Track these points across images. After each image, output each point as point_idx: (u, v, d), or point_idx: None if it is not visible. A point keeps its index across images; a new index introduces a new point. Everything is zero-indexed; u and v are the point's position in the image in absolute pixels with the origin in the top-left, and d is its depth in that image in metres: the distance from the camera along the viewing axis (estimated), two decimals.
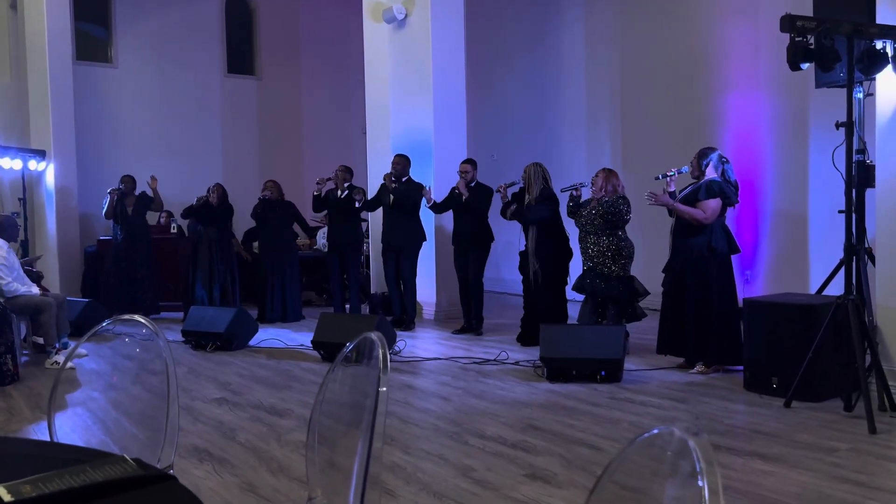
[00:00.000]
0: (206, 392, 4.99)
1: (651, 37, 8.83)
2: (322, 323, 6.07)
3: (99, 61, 11.48)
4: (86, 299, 7.94)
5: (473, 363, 5.73)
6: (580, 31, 9.82)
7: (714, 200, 5.02)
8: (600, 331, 5.25)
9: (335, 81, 13.42)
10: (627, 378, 5.05)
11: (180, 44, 12.00)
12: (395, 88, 8.75)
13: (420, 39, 8.30)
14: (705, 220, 5.03)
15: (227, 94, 12.48)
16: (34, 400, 4.89)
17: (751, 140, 7.84)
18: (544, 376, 5.11)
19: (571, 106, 10.01)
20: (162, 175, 11.16)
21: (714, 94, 8.16)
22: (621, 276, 5.87)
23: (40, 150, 9.87)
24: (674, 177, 5.38)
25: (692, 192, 5.13)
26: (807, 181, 7.35)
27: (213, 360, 6.18)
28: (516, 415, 4.24)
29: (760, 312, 4.64)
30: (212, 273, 8.27)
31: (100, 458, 1.32)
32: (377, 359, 1.55)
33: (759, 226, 7.69)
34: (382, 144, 9.09)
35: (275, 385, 5.15)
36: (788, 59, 3.86)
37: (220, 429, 4.09)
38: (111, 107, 11.38)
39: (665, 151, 8.61)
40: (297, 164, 12.99)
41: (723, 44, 8.08)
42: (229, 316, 6.59)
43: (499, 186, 6.79)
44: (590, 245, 5.93)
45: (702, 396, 4.58)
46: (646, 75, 8.92)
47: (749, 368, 4.71)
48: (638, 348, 6.03)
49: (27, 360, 6.35)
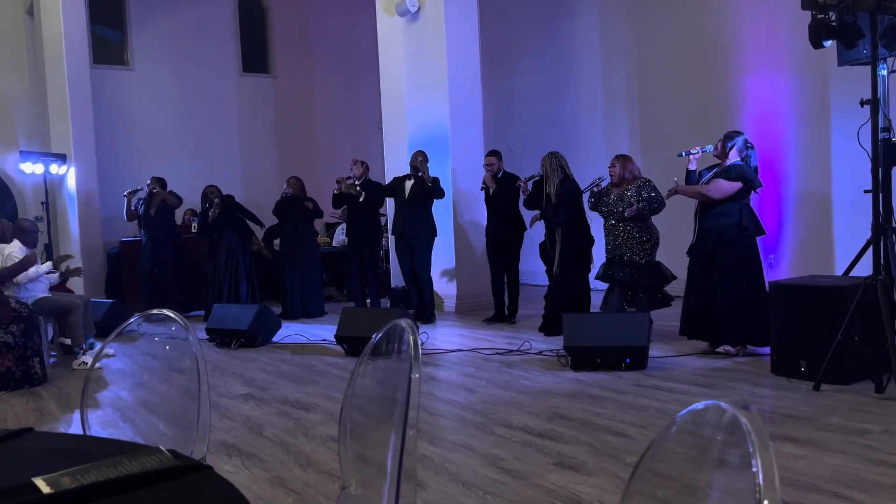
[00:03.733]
0: (231, 388, 5.03)
1: (666, 19, 8.74)
2: (345, 317, 6.08)
3: (115, 64, 11.57)
4: (110, 300, 8.01)
5: (496, 354, 5.72)
6: (594, 16, 9.74)
7: (728, 182, 4.98)
8: (624, 318, 5.22)
9: (349, 76, 13.44)
10: (652, 365, 5.02)
11: (195, 44, 12.07)
12: (409, 82, 8.73)
13: (434, 32, 8.27)
14: (713, 196, 5.03)
15: (242, 92, 12.53)
16: (63, 400, 4.95)
17: (771, 122, 7.74)
18: (568, 365, 5.09)
19: (587, 92, 9.94)
20: (181, 175, 11.27)
21: (732, 75, 8.06)
22: (648, 262, 5.83)
23: (61, 153, 9.98)
24: (696, 155, 5.34)
25: (714, 175, 5.08)
26: (829, 162, 7.25)
27: (237, 356, 6.22)
28: (542, 404, 4.22)
29: (787, 295, 4.58)
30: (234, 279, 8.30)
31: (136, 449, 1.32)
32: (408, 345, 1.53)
33: (781, 209, 7.59)
34: (398, 138, 9.08)
35: (299, 380, 5.17)
36: (811, 36, 3.79)
37: (248, 424, 4.12)
38: (129, 109, 11.48)
39: (683, 135, 8.51)
40: (314, 160, 13.04)
41: (740, 24, 7.98)
42: (252, 313, 6.62)
43: (517, 182, 6.75)
44: (618, 233, 5.88)
45: (729, 381, 4.53)
46: (662, 58, 8.83)
47: (776, 352, 4.66)
48: (661, 334, 5.99)
49: (55, 361, 6.43)
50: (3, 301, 5.32)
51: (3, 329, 5.23)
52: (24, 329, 5.34)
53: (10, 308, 5.33)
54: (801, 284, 4.56)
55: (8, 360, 5.23)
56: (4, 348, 5.22)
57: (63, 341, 6.66)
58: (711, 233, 5.05)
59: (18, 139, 10.63)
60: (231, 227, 8.39)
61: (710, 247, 5.04)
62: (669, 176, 7.98)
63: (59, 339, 6.69)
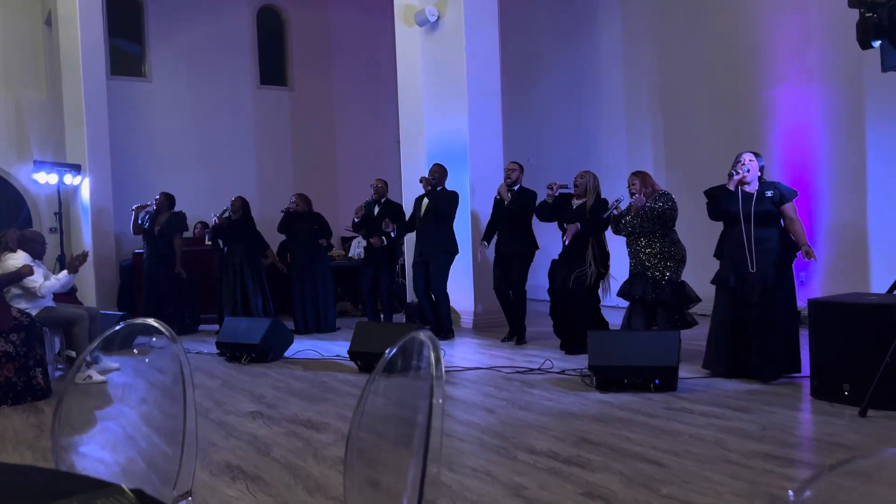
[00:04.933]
0: (239, 405, 4.81)
1: (691, 29, 8.52)
2: (359, 332, 5.86)
3: (133, 76, 11.53)
4: (120, 312, 7.85)
5: (517, 373, 5.47)
6: (616, 27, 9.54)
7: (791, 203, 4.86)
8: (653, 337, 4.95)
9: (367, 90, 13.32)
10: (683, 386, 4.74)
11: (213, 56, 12.01)
12: (428, 93, 8.56)
13: (454, 42, 8.10)
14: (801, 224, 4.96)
15: (259, 105, 12.44)
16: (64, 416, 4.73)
17: (802, 135, 7.47)
18: (593, 386, 4.83)
19: (609, 104, 9.72)
20: (196, 187, 11.18)
21: (761, 87, 7.81)
22: (672, 280, 5.57)
23: (75, 164, 9.88)
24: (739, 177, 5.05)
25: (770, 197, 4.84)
26: (864, 177, 6.96)
27: (247, 372, 6.00)
28: (567, 427, 3.96)
29: (828, 314, 4.29)
30: (242, 291, 8.11)
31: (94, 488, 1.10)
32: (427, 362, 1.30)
33: (813, 225, 7.30)
34: (416, 150, 8.89)
35: (311, 398, 4.94)
36: (858, 36, 3.55)
37: (255, 444, 3.89)
38: (145, 120, 11.41)
39: (710, 149, 8.27)
40: (331, 174, 12.90)
41: (769, 34, 7.74)
42: (264, 327, 6.42)
43: (551, 183, 6.44)
44: (641, 247, 5.64)
45: (766, 406, 4.25)
46: (687, 70, 8.60)
47: (816, 375, 4.36)
48: (690, 354, 5.69)
49: (61, 374, 6.24)
50: (3, 308, 5.14)
51: (4, 338, 5.05)
52: (26, 338, 5.15)
53: (11, 316, 5.15)
54: (844, 303, 4.27)
55: (8, 371, 5.04)
56: (4, 358, 5.03)
57: (69, 354, 6.48)
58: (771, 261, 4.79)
59: (32, 149, 10.58)
60: (240, 240, 8.20)
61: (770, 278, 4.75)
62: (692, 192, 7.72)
63: (65, 351, 6.51)
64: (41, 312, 5.70)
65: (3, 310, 5.10)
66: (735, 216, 4.95)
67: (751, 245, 4.87)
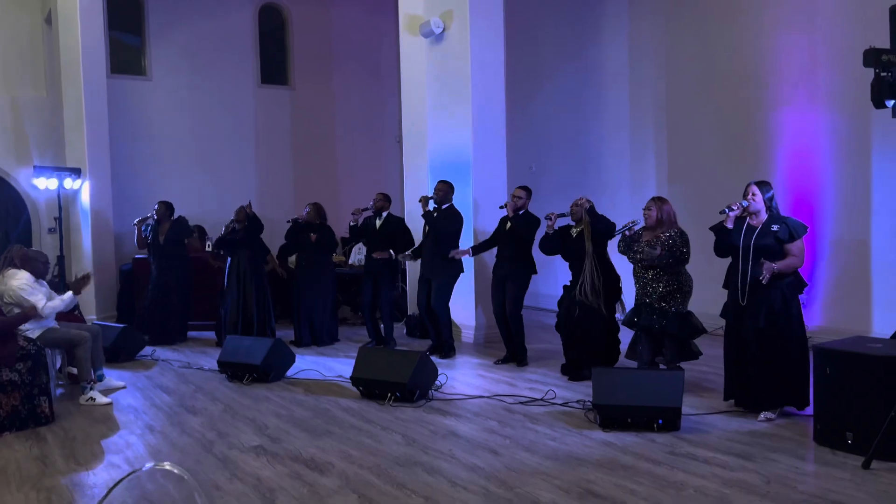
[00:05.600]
0: (243, 437, 4.81)
1: (699, 48, 8.46)
2: (361, 358, 5.85)
3: (133, 74, 11.43)
4: (121, 325, 7.84)
5: (519, 403, 5.47)
6: (623, 42, 9.48)
7: (800, 241, 4.75)
8: (657, 376, 4.95)
9: (368, 90, 13.24)
10: (686, 424, 4.75)
11: (213, 54, 11.91)
12: (432, 103, 8.51)
13: (458, 54, 8.04)
14: (801, 265, 4.79)
15: (260, 104, 12.37)
16: (69, 446, 4.74)
17: (807, 158, 7.45)
18: (597, 423, 4.84)
19: (614, 119, 9.68)
20: (196, 189, 11.14)
21: (767, 109, 7.77)
22: (679, 311, 5.58)
23: (75, 168, 9.82)
24: (736, 212, 5.03)
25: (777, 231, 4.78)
26: (869, 202, 6.96)
27: (249, 394, 6.00)
28: (572, 475, 3.97)
29: (832, 361, 4.29)
30: (244, 300, 8.10)
31: None
32: None
33: (815, 249, 7.30)
34: (419, 161, 8.86)
35: (314, 430, 4.94)
36: (872, 96, 3.53)
37: (259, 488, 3.89)
38: (145, 119, 11.33)
39: (713, 166, 8.26)
40: (332, 174, 12.86)
41: (776, 56, 7.69)
42: (266, 347, 6.41)
43: (549, 214, 6.45)
44: (650, 279, 5.64)
45: (769, 452, 4.26)
46: (693, 88, 8.55)
47: (819, 420, 4.38)
48: (692, 385, 5.72)
49: (62, 392, 6.24)
50: (11, 339, 5.13)
51: (10, 367, 5.04)
52: (32, 367, 5.15)
53: (18, 346, 5.14)
54: (848, 351, 4.27)
55: (14, 399, 5.04)
56: (10, 387, 5.03)
57: (71, 371, 6.48)
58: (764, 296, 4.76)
59: (31, 151, 10.50)
60: (244, 249, 8.17)
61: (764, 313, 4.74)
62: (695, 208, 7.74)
63: (67, 368, 6.51)
64: (44, 333, 5.69)
65: (9, 342, 5.08)
66: (736, 248, 4.94)
67: (745, 279, 4.85)
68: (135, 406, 5.77)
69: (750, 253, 4.84)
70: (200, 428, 5.08)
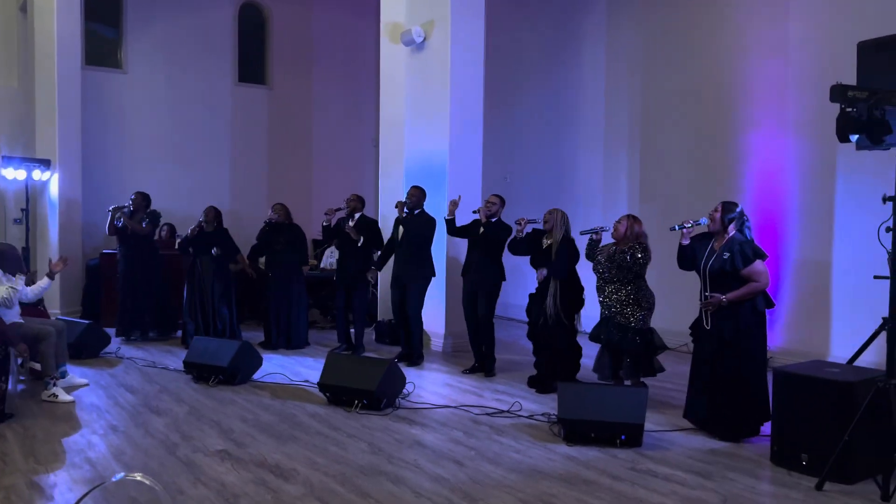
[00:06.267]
0: (207, 441, 4.79)
1: (675, 66, 8.62)
2: (329, 364, 5.86)
3: (108, 66, 11.29)
4: (85, 321, 7.74)
5: (486, 414, 5.52)
6: (601, 57, 9.61)
7: (759, 263, 4.80)
8: (622, 392, 5.04)
9: (346, 92, 13.24)
10: (648, 441, 4.84)
11: (192, 50, 11.82)
12: (410, 112, 8.55)
13: (439, 63, 8.09)
14: (765, 286, 4.83)
15: (237, 102, 12.30)
16: (28, 444, 4.67)
17: (774, 181, 7.63)
18: (561, 436, 4.91)
19: (588, 131, 9.81)
20: (169, 184, 11.03)
21: (738, 131, 7.95)
22: (640, 328, 5.68)
23: (45, 159, 9.67)
24: (690, 229, 5.15)
25: (727, 260, 4.84)
26: (832, 227, 7.14)
27: (215, 396, 5.97)
28: (534, 488, 4.02)
29: (791, 385, 4.41)
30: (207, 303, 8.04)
31: None
32: None
33: (778, 271, 7.47)
34: (395, 167, 8.90)
35: (279, 435, 4.94)
36: (837, 130, 3.65)
37: (223, 493, 3.88)
38: (119, 113, 11.20)
39: (685, 184, 8.42)
40: (307, 174, 12.84)
41: (749, 80, 7.87)
42: (233, 349, 6.38)
43: (519, 220, 6.52)
44: (608, 294, 5.76)
45: (727, 471, 4.36)
46: (667, 105, 8.71)
47: (777, 442, 4.49)
48: (655, 402, 5.81)
49: (23, 388, 6.15)
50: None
51: None
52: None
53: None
54: (806, 375, 4.39)
55: None
56: None
57: (33, 366, 6.39)
58: (727, 318, 4.85)
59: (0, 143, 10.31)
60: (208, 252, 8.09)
61: (728, 333, 4.83)
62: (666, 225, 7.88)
63: (28, 363, 6.41)
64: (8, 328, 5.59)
65: None
66: (697, 270, 5.05)
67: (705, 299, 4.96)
68: (98, 405, 5.71)
69: (707, 276, 4.96)
70: (164, 429, 5.04)
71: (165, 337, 8.62)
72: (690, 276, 5.26)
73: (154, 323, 8.55)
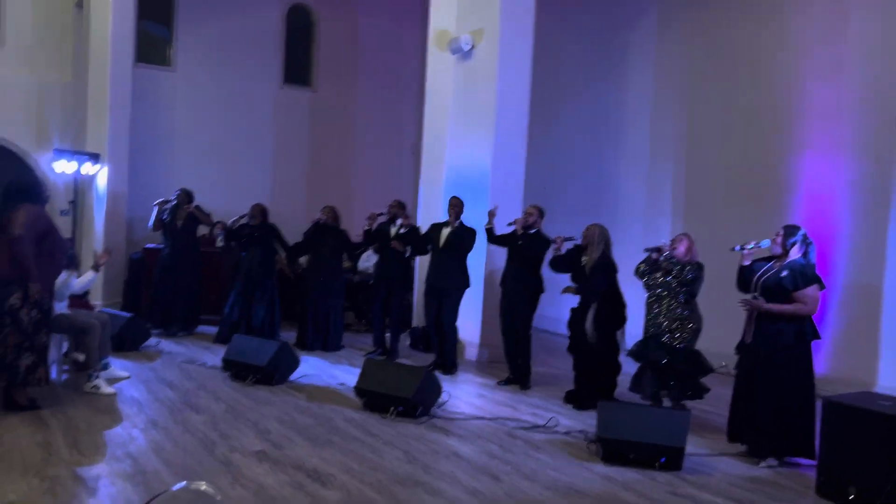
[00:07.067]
0: (245, 441, 4.81)
1: (724, 84, 8.49)
2: (367, 370, 5.86)
3: (158, 64, 11.49)
4: (127, 314, 7.85)
5: (522, 429, 5.47)
6: (649, 72, 9.51)
7: (813, 288, 4.70)
8: (663, 414, 4.96)
9: (389, 97, 13.30)
10: (688, 464, 4.74)
11: (239, 50, 11.99)
12: (454, 120, 8.54)
13: (486, 73, 8.07)
14: (811, 312, 4.73)
15: (281, 104, 12.43)
16: (72, 435, 4.74)
17: (824, 203, 7.46)
18: (598, 455, 4.84)
19: (632, 145, 9.71)
20: (210, 182, 11.16)
21: (788, 152, 7.79)
22: (686, 348, 5.59)
23: (95, 153, 9.87)
24: (752, 250, 5.06)
25: (785, 278, 4.76)
26: (884, 254, 6.96)
27: (252, 396, 6.01)
28: None
29: (841, 415, 4.30)
30: (250, 301, 8.12)
31: None
32: None
33: (826, 294, 7.28)
34: (436, 174, 8.89)
35: (316, 439, 4.95)
36: None
37: (260, 495, 3.89)
38: (166, 111, 11.39)
39: (729, 205, 8.28)
40: (346, 178, 12.91)
41: (801, 100, 7.72)
42: (272, 350, 6.42)
43: (556, 237, 6.48)
44: (658, 312, 5.67)
45: (770, 500, 4.26)
46: (715, 123, 8.58)
47: (823, 472, 4.37)
48: (696, 425, 5.69)
49: (67, 378, 6.26)
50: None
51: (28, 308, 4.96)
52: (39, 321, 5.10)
53: None
54: (858, 406, 4.27)
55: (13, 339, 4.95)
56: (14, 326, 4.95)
57: (77, 357, 6.49)
58: (770, 336, 4.76)
59: (51, 134, 10.55)
60: (257, 248, 8.20)
61: (764, 353, 4.75)
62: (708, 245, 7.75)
63: (73, 354, 6.51)
64: (55, 319, 5.70)
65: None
66: (749, 284, 4.96)
67: (751, 317, 4.88)
68: (138, 399, 5.78)
69: (758, 290, 4.87)
70: (203, 427, 5.09)
71: (189, 332, 8.67)
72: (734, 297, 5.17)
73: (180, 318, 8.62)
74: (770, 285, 4.80)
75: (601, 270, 6.02)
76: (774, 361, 4.74)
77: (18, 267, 4.89)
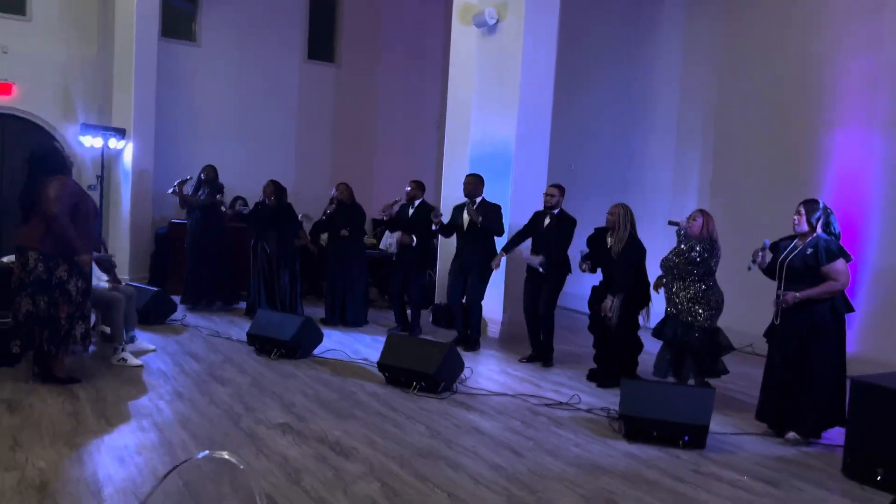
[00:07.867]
0: (269, 413, 4.86)
1: (755, 58, 8.30)
2: (389, 345, 5.88)
3: (183, 38, 11.49)
4: (153, 288, 7.94)
5: (544, 405, 5.46)
6: (677, 44, 9.32)
7: (841, 262, 4.62)
8: (687, 392, 4.91)
9: (412, 72, 13.22)
10: (712, 443, 4.71)
11: (263, 24, 11.95)
12: (478, 95, 8.44)
13: (510, 47, 7.97)
14: (843, 287, 4.65)
15: (304, 79, 12.39)
16: (100, 406, 4.82)
17: (855, 181, 7.30)
18: (621, 433, 4.82)
19: (661, 122, 9.55)
20: (234, 157, 11.21)
21: (820, 126, 7.62)
22: (705, 326, 5.52)
23: (121, 128, 9.93)
24: (763, 255, 4.93)
25: (809, 256, 4.68)
26: None
27: (276, 369, 6.07)
28: (594, 484, 3.96)
29: (870, 395, 4.23)
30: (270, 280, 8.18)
31: None
32: None
33: (857, 275, 7.16)
34: (460, 151, 8.83)
35: (340, 412, 4.98)
36: None
37: (285, 467, 3.93)
38: (190, 85, 11.40)
39: (758, 181, 8.14)
40: (370, 154, 12.89)
41: (834, 75, 7.52)
42: (296, 324, 6.47)
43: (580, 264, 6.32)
44: (676, 291, 5.61)
45: (796, 479, 4.21)
46: (745, 98, 8.41)
47: (850, 453, 4.32)
48: (720, 403, 5.64)
49: (94, 350, 6.35)
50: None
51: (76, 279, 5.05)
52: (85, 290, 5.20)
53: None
54: (886, 387, 4.20)
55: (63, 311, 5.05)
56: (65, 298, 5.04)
57: (104, 329, 6.60)
58: (803, 318, 4.69)
59: (77, 108, 10.61)
60: (274, 228, 8.22)
61: (803, 331, 4.68)
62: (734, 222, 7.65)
63: (100, 326, 6.63)
64: None
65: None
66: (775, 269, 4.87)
67: (778, 299, 4.80)
68: (164, 371, 5.86)
69: (783, 272, 4.78)
70: (228, 399, 5.14)
71: (229, 307, 8.80)
72: (758, 276, 5.09)
73: (218, 293, 8.73)
74: (796, 265, 4.72)
75: (630, 256, 5.94)
76: (810, 340, 4.67)
77: (61, 242, 4.95)
